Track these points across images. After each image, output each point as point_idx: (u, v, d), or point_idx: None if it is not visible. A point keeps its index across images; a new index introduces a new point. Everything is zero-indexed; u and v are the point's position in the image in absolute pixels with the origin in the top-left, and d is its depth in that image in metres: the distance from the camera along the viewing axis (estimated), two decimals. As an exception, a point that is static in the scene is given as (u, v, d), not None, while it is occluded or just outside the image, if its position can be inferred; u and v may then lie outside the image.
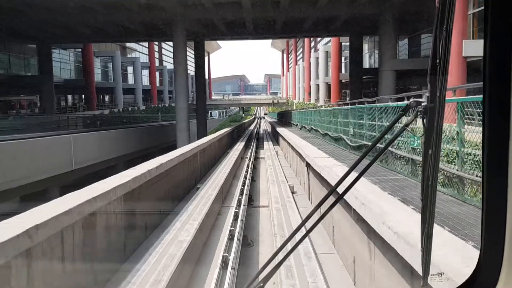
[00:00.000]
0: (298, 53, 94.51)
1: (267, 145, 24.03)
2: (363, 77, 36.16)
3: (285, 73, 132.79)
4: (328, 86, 53.89)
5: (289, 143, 15.03)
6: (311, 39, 72.36)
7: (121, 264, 4.84)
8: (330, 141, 12.58)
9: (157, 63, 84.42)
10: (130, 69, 66.16)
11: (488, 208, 1.12)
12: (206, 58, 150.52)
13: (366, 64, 43.40)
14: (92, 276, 4.28)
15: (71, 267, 3.75)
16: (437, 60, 1.14)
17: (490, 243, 1.13)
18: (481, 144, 1.17)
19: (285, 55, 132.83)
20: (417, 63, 26.59)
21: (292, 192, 9.50)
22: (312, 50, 69.87)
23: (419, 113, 1.25)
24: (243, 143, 24.02)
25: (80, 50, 47.13)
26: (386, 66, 26.62)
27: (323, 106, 28.07)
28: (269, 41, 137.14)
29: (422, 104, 1.24)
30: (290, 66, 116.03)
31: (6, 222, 3.16)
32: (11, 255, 2.83)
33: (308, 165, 9.37)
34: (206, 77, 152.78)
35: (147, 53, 74.37)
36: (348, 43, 47.77)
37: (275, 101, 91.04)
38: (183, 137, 27.96)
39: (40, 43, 35.71)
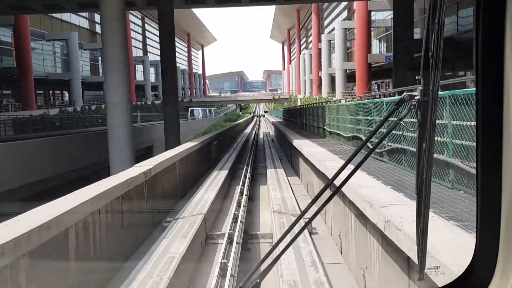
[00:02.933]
0: (301, 42, 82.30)
1: (274, 174, 11.64)
2: (415, 55, 23.72)
3: (286, 67, 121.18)
4: (347, 75, 41.48)
5: None
6: (320, 18, 59.95)
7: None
8: None
9: (140, 53, 73.60)
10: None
11: (483, 202, 1.12)
12: (200, 52, 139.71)
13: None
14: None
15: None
16: (430, 54, 1.11)
17: (486, 237, 1.12)
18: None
19: (286, 47, 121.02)
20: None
21: None
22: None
23: (412, 107, 1.23)
24: (225, 172, 11.63)
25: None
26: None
27: (343, 101, 15.98)
28: (268, 32, 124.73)
29: (416, 98, 1.22)
30: (292, 58, 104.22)
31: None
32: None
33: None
34: (200, 72, 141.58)
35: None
36: (377, 14, 35.94)
37: (276, 97, 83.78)
38: (121, 154, 15.50)
39: None
